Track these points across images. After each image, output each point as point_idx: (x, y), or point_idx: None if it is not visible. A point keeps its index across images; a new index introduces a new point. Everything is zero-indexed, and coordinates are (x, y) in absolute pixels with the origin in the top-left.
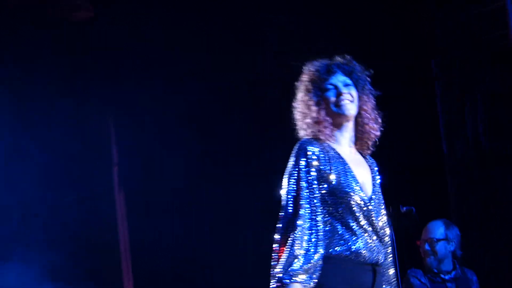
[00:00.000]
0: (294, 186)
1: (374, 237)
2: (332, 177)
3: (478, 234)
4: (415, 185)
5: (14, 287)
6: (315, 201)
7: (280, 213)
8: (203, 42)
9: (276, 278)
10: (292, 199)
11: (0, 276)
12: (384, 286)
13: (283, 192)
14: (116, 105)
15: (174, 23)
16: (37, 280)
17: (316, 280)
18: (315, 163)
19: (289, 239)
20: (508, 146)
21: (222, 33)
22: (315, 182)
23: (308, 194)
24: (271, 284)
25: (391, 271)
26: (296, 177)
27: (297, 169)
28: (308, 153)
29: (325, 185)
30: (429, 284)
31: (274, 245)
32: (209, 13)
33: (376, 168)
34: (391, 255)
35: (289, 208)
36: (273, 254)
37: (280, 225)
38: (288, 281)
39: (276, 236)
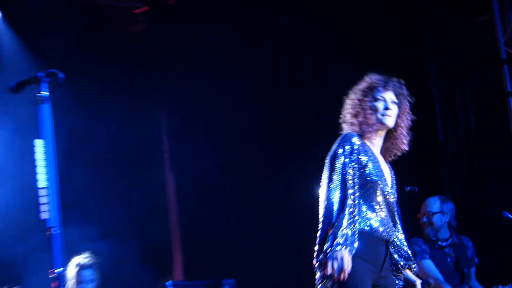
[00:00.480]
0: (340, 167)
1: (390, 221)
2: (367, 167)
3: (470, 207)
4: (416, 169)
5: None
6: (355, 182)
7: (323, 193)
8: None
9: (328, 251)
10: (337, 180)
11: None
12: (397, 257)
13: (325, 174)
14: (167, 100)
15: (212, 32)
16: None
17: (356, 246)
18: (356, 151)
19: (337, 215)
20: (494, 136)
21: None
22: (356, 166)
23: (351, 176)
24: (320, 256)
25: (405, 247)
26: (341, 160)
27: (342, 152)
28: (353, 142)
29: (361, 172)
30: (428, 250)
31: (319, 222)
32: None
33: (392, 172)
34: (402, 234)
35: (334, 188)
36: (319, 228)
37: (326, 203)
38: (338, 248)
39: (323, 214)
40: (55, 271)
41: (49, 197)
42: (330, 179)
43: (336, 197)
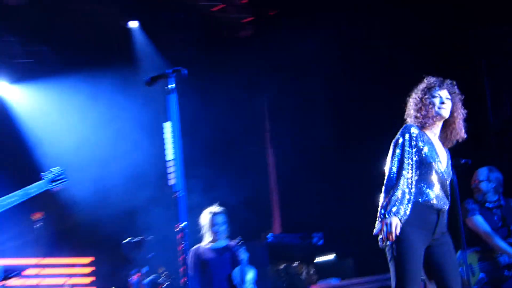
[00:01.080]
0: (399, 152)
1: (442, 193)
2: (423, 151)
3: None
4: (470, 145)
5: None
6: (412, 164)
7: (386, 171)
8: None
9: (383, 215)
10: (397, 162)
11: None
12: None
13: (389, 156)
14: (270, 89)
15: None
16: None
17: (407, 218)
18: (414, 138)
19: (393, 189)
20: None
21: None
22: (415, 150)
23: (408, 159)
24: (378, 219)
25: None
26: (401, 146)
27: (402, 140)
28: (411, 132)
29: (418, 155)
30: (478, 208)
31: (382, 191)
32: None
33: (449, 155)
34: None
35: (393, 168)
36: (381, 199)
37: (386, 179)
38: (391, 214)
39: (384, 187)
40: (180, 225)
41: (176, 167)
42: (392, 159)
43: (395, 173)
